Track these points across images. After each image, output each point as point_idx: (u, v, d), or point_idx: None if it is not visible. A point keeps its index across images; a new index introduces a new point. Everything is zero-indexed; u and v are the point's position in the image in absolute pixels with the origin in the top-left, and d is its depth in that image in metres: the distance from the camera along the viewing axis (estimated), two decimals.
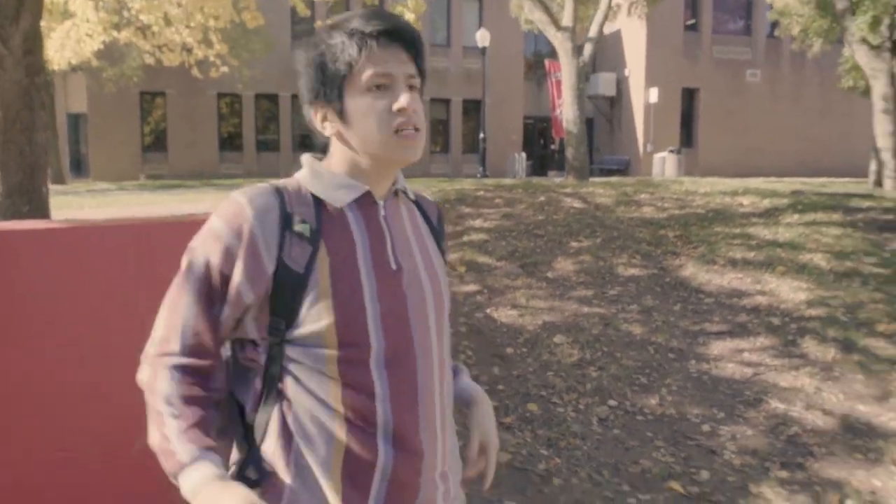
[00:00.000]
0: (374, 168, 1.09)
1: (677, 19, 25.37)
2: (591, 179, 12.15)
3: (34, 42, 5.82)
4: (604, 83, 26.55)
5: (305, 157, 1.15)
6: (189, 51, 9.17)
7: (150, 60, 10.10)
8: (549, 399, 3.94)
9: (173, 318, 1.05)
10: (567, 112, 11.03)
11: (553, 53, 16.18)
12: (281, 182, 1.10)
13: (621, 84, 26.79)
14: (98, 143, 22.30)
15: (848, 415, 3.96)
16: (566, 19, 10.77)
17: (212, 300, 1.04)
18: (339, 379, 1.03)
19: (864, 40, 12.20)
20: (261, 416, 1.06)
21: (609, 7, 11.05)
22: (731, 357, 4.52)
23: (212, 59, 9.16)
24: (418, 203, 1.24)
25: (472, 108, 25.12)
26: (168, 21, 8.48)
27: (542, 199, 8.18)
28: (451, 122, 25.51)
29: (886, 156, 12.13)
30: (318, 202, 1.08)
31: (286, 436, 1.05)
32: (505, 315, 4.97)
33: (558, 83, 20.36)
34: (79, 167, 24.10)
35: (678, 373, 4.29)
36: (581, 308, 5.11)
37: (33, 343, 2.17)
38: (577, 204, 7.86)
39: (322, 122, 1.10)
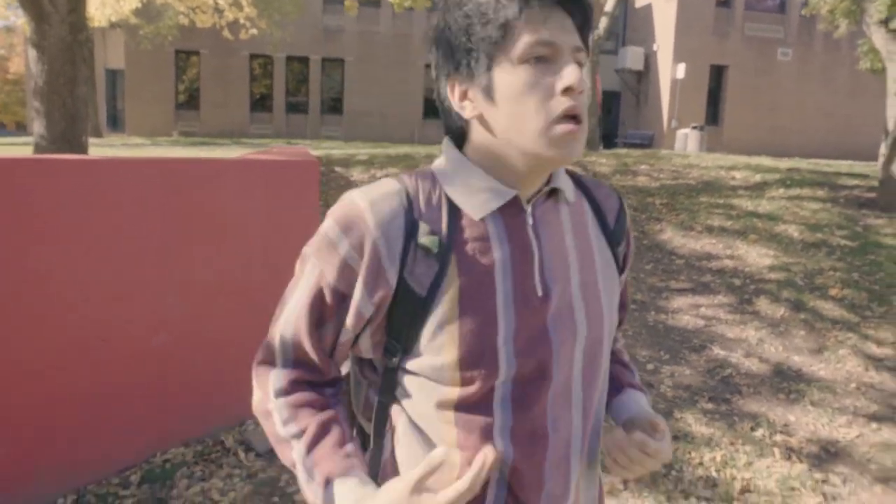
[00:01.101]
0: (524, 164, 0.87)
1: None
2: (616, 151, 12.50)
3: (78, 1, 6.41)
4: (632, 57, 26.52)
5: (447, 144, 0.95)
6: (221, 13, 9.68)
7: (184, 21, 10.64)
8: None
9: (285, 327, 0.93)
10: None
11: None
12: (411, 178, 0.91)
13: (649, 59, 26.73)
14: (134, 99, 23.03)
15: (781, 363, 4.44)
16: None
17: (322, 318, 0.89)
18: (454, 423, 0.87)
19: (882, 22, 12.23)
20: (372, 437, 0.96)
21: None
22: (688, 311, 5.00)
23: (242, 21, 9.67)
24: (591, 197, 1.01)
25: None
26: None
27: None
28: None
29: (865, 137, 12.24)
30: (454, 208, 0.88)
31: (392, 470, 0.93)
32: None
33: None
34: (115, 122, 24.93)
35: (636, 321, 4.79)
36: None
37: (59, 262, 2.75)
38: (578, 171, 8.29)
39: (461, 101, 0.89)
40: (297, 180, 3.94)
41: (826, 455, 3.58)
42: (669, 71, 25.14)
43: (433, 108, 25.19)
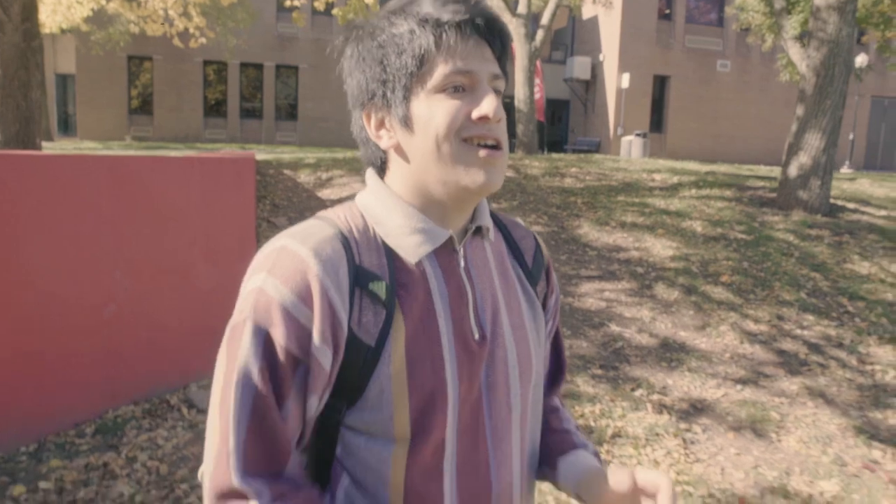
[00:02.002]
0: (445, 195, 0.85)
1: (652, 8, 26.26)
2: (551, 156, 13.20)
3: (31, 10, 6.78)
4: (579, 67, 27.45)
5: (371, 177, 0.91)
6: (171, 22, 10.06)
7: (135, 29, 10.96)
8: None
9: (238, 427, 0.76)
10: (518, 92, 12.06)
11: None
12: (341, 219, 0.86)
13: (596, 68, 27.70)
14: (85, 104, 22.98)
15: (668, 337, 5.08)
16: (521, 7, 11.75)
17: (282, 392, 0.77)
18: (403, 481, 0.82)
19: (796, 38, 13.23)
20: None
21: None
22: (593, 294, 5.62)
23: (192, 30, 10.05)
24: (507, 235, 1.00)
25: None
26: None
27: None
28: None
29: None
30: (390, 250, 0.85)
31: None
32: None
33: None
34: (66, 126, 24.81)
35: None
36: None
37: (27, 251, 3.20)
38: (510, 174, 8.92)
39: (377, 131, 0.87)
40: (234, 174, 4.43)
41: (693, 410, 4.21)
42: (615, 80, 26.14)
43: None
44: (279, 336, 0.76)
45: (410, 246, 0.84)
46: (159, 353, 3.79)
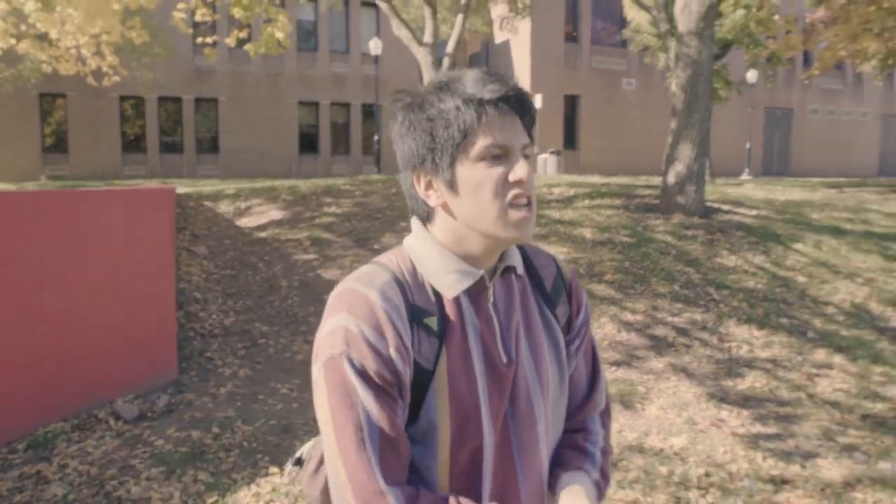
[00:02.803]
0: (483, 244, 0.99)
1: (558, 32, 27.66)
2: None
3: None
4: None
5: (416, 225, 1.06)
6: (83, 61, 10.25)
7: (47, 69, 11.06)
8: None
9: (365, 447, 0.90)
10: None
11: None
12: (394, 263, 1.01)
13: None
14: None
15: None
16: (427, 37, 12.46)
17: (390, 402, 0.93)
18: (449, 482, 0.98)
19: None
20: None
21: (463, 27, 12.80)
22: None
23: (104, 69, 10.27)
24: (531, 264, 1.13)
25: (371, 112, 26.50)
26: (63, 33, 9.54)
27: (394, 190, 9.79)
28: (350, 125, 26.83)
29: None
30: (435, 288, 1.00)
31: None
32: (331, 274, 6.52)
33: None
34: None
35: None
36: None
37: None
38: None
39: (426, 191, 1.01)
40: (152, 205, 4.84)
41: None
42: None
43: (309, 143, 26.09)
44: (370, 364, 0.90)
45: (449, 284, 0.99)
46: (87, 369, 4.14)
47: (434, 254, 1.01)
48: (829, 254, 8.26)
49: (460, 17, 12.52)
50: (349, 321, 0.92)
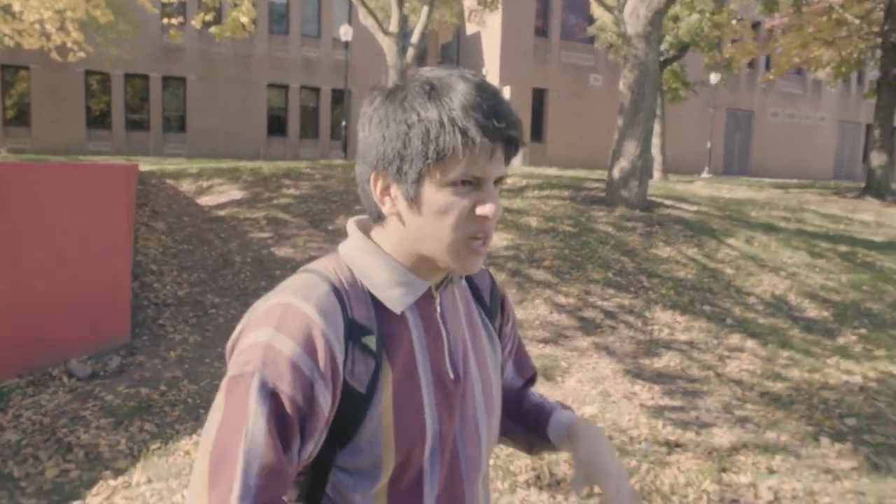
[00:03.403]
0: (430, 264, 0.92)
1: (529, 26, 28.07)
2: None
3: None
4: None
5: (354, 231, 0.97)
6: (48, 36, 10.33)
7: (9, 42, 11.09)
8: None
9: (234, 480, 0.78)
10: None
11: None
12: (332, 272, 0.91)
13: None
14: None
15: None
16: (392, 26, 12.75)
17: (288, 438, 0.82)
18: None
19: None
20: None
21: (429, 17, 13.11)
22: None
23: (69, 45, 10.35)
24: (471, 277, 1.09)
25: (341, 97, 26.62)
26: (27, 7, 9.59)
27: (352, 175, 10.10)
28: (320, 109, 26.94)
29: (656, 152, 14.97)
30: (376, 301, 0.91)
31: None
32: (283, 252, 6.84)
33: None
34: None
35: None
36: None
37: None
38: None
39: (381, 196, 0.91)
40: (109, 179, 5.10)
41: None
42: None
43: (278, 125, 26.16)
44: (286, 388, 0.80)
45: (395, 297, 0.90)
46: (41, 333, 4.42)
47: (379, 265, 0.92)
48: (759, 249, 8.81)
49: (426, 8, 12.82)
50: (274, 337, 0.82)
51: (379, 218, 0.94)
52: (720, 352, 5.96)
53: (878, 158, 15.94)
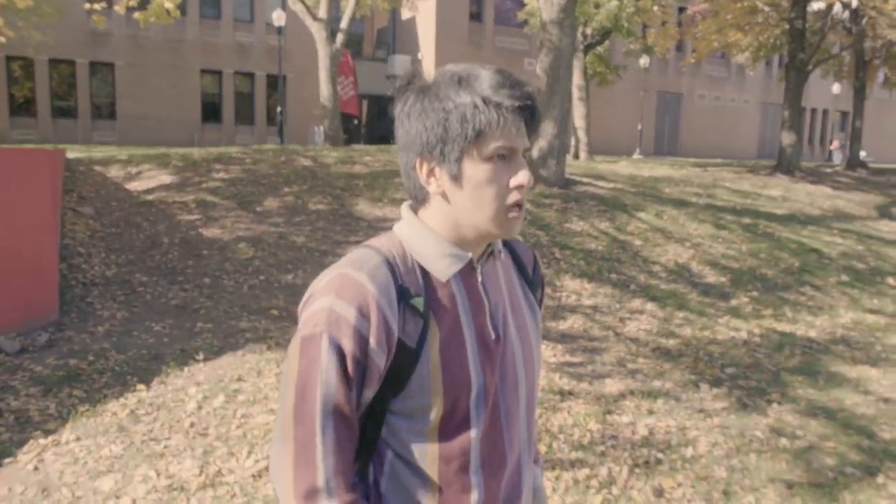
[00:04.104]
0: (475, 236, 1.05)
1: (463, 11, 28.39)
2: (354, 147, 14.48)
3: None
4: (400, 64, 28.99)
5: (406, 212, 1.10)
6: None
7: None
8: (222, 276, 6.14)
9: (325, 406, 0.97)
10: (322, 90, 13.25)
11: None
12: (385, 247, 1.05)
13: (416, 66, 29.31)
14: None
15: None
16: (322, 12, 12.92)
17: (350, 386, 0.97)
18: (438, 452, 1.04)
19: None
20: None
21: (357, 4, 13.33)
22: None
23: None
24: (512, 251, 1.21)
25: (276, 83, 26.43)
26: None
27: (283, 159, 10.33)
28: (255, 95, 26.71)
29: (581, 133, 15.59)
30: (424, 271, 1.04)
31: (376, 500, 1.05)
32: (211, 232, 7.08)
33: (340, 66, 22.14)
34: None
35: (315, 262, 6.67)
36: (268, 228, 7.36)
37: None
38: (307, 163, 10.11)
39: (427, 177, 1.03)
40: (29, 164, 5.26)
41: None
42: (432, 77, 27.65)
43: (212, 111, 25.82)
44: (348, 345, 0.95)
45: (441, 268, 1.04)
46: None
47: (428, 240, 1.05)
48: (668, 222, 9.46)
49: None
50: (335, 303, 0.96)
51: (424, 200, 1.07)
52: (621, 314, 6.51)
53: (787, 138, 16.96)
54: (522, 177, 1.01)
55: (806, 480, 3.76)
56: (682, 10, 25.85)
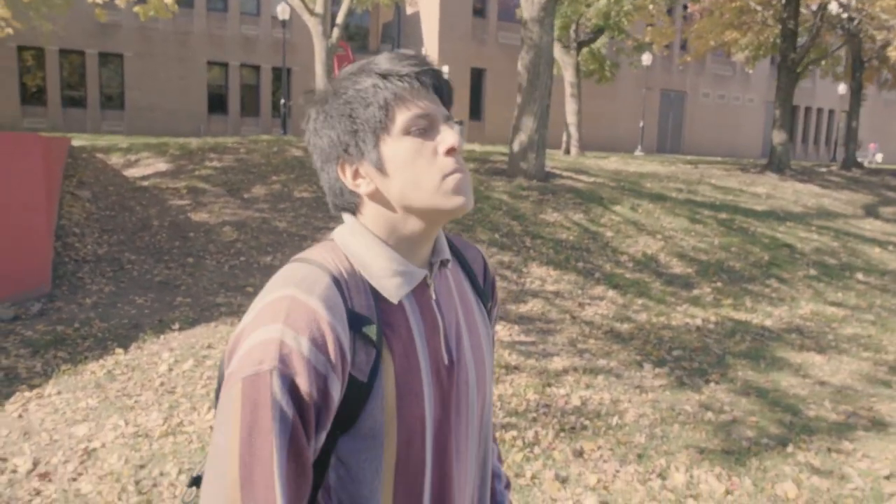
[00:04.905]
0: (420, 227, 0.94)
1: (467, 6, 28.72)
2: None
3: None
4: None
5: (349, 220, 0.98)
6: None
7: None
8: (205, 256, 6.58)
9: (274, 478, 0.80)
10: (318, 83, 13.64)
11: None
12: (330, 262, 0.92)
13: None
14: None
15: None
16: (318, 7, 13.33)
17: (309, 435, 0.84)
18: (392, 491, 0.93)
19: (557, 39, 15.84)
20: None
21: (352, 0, 13.74)
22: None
23: None
24: (461, 257, 1.11)
25: (281, 75, 26.87)
26: None
27: (275, 149, 10.76)
28: (261, 87, 27.16)
29: (573, 129, 15.94)
30: (374, 291, 0.93)
31: None
32: (199, 217, 7.53)
33: (339, 59, 22.52)
34: None
35: (294, 246, 7.09)
36: (253, 214, 7.79)
37: None
38: (297, 153, 10.53)
39: (354, 180, 0.94)
40: (26, 149, 5.71)
41: None
42: None
43: (219, 103, 26.31)
44: (303, 383, 0.81)
45: (393, 287, 0.93)
46: None
47: (376, 254, 0.94)
48: (643, 215, 9.82)
49: None
50: (286, 333, 0.83)
51: (359, 207, 0.96)
52: (581, 300, 6.89)
53: (778, 136, 17.25)
54: (450, 138, 0.92)
55: (720, 448, 4.07)
56: (685, 7, 26.03)
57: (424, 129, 0.92)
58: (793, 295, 8.11)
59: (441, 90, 0.96)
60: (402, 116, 0.91)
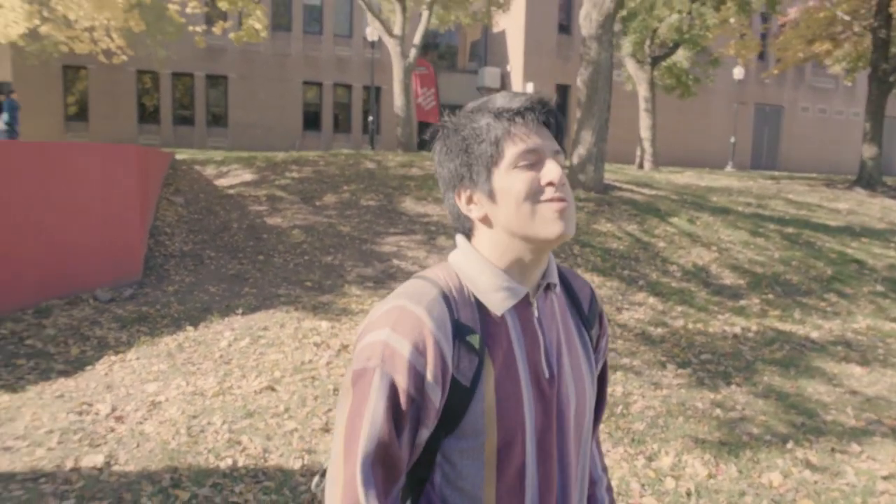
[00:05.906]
0: (526, 251, 1.04)
1: (552, 23, 29.09)
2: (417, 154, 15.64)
3: None
4: (489, 76, 30.08)
5: (461, 240, 1.10)
6: (95, 42, 12.12)
7: (64, 49, 12.93)
8: (274, 255, 7.37)
9: (367, 446, 0.95)
10: (396, 101, 14.51)
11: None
12: (441, 279, 1.05)
13: (505, 78, 30.43)
14: (22, 111, 24.44)
15: (429, 264, 7.54)
16: (397, 29, 14.19)
17: (401, 425, 0.96)
18: (494, 496, 1.02)
19: (632, 55, 16.01)
20: None
21: (429, 21, 14.51)
22: (391, 244, 8.03)
23: (113, 49, 12.11)
24: (569, 287, 1.20)
25: (372, 94, 28.17)
26: (79, 16, 11.34)
27: (351, 161, 11.61)
28: (352, 105, 28.57)
29: (646, 144, 16.02)
30: (480, 304, 1.04)
31: None
32: (273, 221, 8.38)
33: (421, 78, 23.41)
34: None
35: (354, 248, 7.78)
36: (321, 219, 8.58)
37: None
38: (371, 165, 11.33)
39: (468, 205, 1.06)
40: (125, 158, 6.69)
41: None
42: (520, 89, 28.71)
43: (313, 120, 27.90)
44: (401, 381, 0.94)
45: (497, 301, 1.04)
46: (75, 270, 6.01)
47: (484, 271, 1.04)
48: (700, 227, 9.92)
49: (425, 13, 14.22)
50: (391, 337, 0.95)
51: (472, 230, 1.08)
52: (620, 304, 7.17)
53: (868, 150, 16.62)
54: (552, 171, 1.01)
55: (717, 440, 4.22)
56: (763, 19, 25.30)
57: (532, 163, 1.02)
58: (850, 309, 7.97)
59: (550, 125, 1.07)
60: (510, 151, 1.02)
